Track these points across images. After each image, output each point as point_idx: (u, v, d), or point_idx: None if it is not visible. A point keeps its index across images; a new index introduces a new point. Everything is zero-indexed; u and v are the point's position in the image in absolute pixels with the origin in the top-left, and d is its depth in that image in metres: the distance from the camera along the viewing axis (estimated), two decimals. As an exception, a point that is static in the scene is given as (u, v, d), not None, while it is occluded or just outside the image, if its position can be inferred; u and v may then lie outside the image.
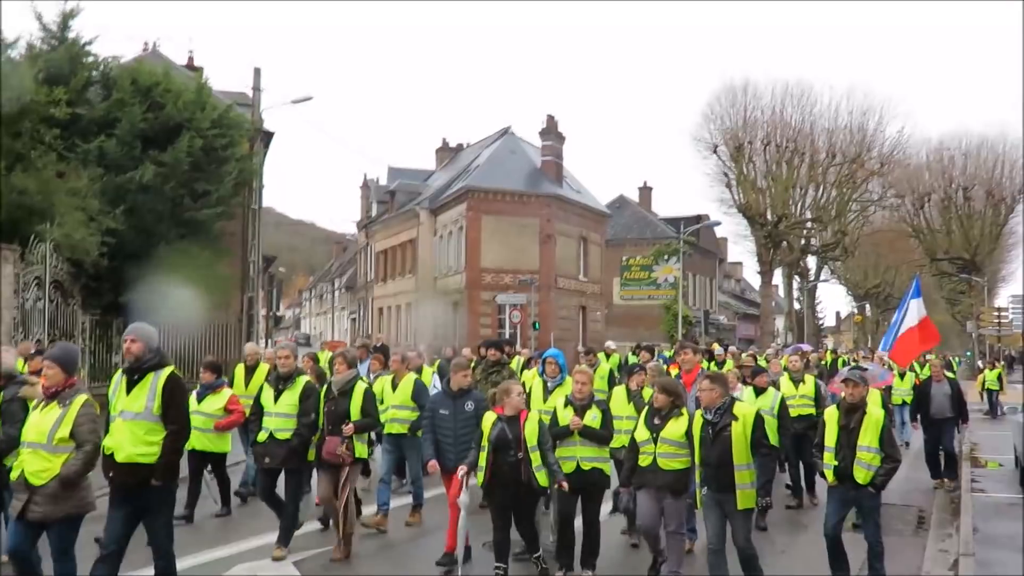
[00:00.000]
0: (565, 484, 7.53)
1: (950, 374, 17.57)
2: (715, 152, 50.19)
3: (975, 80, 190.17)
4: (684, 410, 7.66)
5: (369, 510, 9.90)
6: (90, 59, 21.24)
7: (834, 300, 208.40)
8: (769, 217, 49.43)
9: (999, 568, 8.78)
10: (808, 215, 51.43)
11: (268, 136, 27.87)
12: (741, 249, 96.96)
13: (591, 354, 15.33)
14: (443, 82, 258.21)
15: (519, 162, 44.89)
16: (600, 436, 7.95)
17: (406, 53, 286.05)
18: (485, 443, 7.60)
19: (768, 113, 49.83)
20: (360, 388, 8.82)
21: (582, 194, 46.87)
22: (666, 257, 50.82)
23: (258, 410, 8.75)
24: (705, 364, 18.35)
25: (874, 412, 7.65)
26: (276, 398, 8.63)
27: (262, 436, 8.61)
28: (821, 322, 73.19)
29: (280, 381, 8.72)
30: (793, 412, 11.04)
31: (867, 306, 75.54)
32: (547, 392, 9.34)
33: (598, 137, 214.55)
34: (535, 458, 7.59)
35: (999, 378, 26.21)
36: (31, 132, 16.75)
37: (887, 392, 13.49)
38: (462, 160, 51.90)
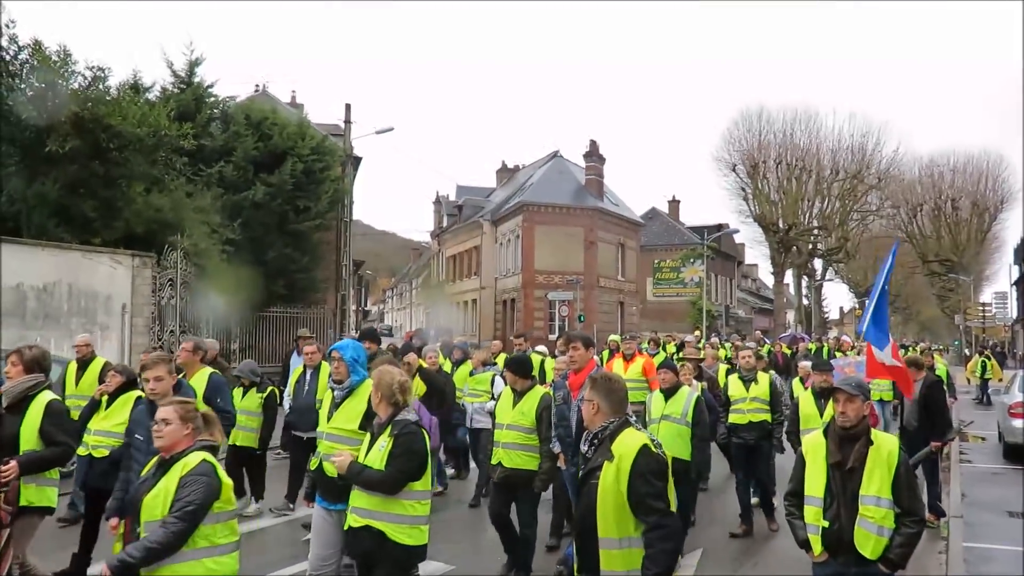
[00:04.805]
0: None
1: (941, 364, 16.16)
2: (734, 170, 49.50)
3: (963, 105, 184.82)
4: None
5: None
6: (211, 99, 21.65)
7: (838, 297, 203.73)
8: (781, 225, 48.61)
9: (984, 528, 8.59)
10: (815, 224, 50.44)
11: (357, 160, 28.14)
12: (757, 253, 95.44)
13: (521, 338, 10.60)
14: (502, 113, 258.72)
15: (566, 180, 44.67)
16: (372, 481, 4.22)
17: (472, 89, 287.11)
18: None
19: (780, 136, 49.00)
20: (42, 399, 4.93)
21: (620, 207, 46.52)
22: (692, 260, 50.24)
23: None
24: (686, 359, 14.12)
25: (885, 443, 4.14)
26: None
27: None
28: (826, 316, 71.66)
29: None
30: (742, 419, 8.04)
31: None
32: (334, 407, 5.01)
33: (634, 157, 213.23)
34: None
35: (983, 366, 25.24)
36: (165, 160, 17.15)
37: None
38: (518, 179, 51.86)
